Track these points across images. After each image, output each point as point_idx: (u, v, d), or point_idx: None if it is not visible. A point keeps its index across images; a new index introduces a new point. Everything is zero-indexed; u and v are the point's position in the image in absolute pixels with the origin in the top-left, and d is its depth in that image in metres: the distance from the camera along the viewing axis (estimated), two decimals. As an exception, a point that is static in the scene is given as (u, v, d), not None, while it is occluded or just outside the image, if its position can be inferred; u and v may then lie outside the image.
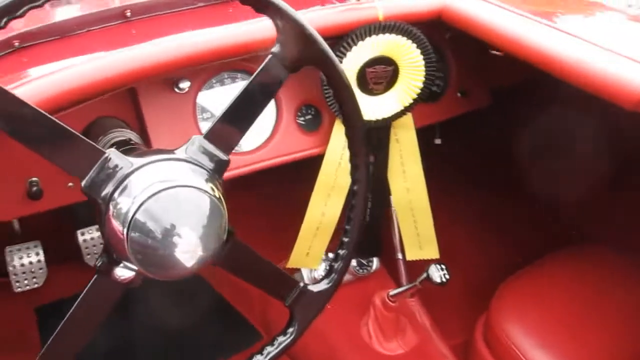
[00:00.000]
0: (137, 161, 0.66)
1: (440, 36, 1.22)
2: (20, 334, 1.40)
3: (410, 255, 1.25)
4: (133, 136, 0.94)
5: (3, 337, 1.37)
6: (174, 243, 0.63)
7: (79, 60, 0.86)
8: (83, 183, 0.64)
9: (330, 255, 1.29)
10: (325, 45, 0.72)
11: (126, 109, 0.99)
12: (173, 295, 1.41)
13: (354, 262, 1.31)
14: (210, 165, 0.70)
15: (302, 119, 1.10)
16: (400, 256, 1.33)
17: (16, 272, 1.38)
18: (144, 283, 0.70)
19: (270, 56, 0.70)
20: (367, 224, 1.19)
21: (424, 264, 1.22)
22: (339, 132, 1.08)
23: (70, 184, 0.93)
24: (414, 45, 1.00)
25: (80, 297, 0.68)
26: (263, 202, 1.53)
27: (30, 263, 1.39)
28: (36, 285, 1.42)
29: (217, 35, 0.91)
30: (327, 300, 0.84)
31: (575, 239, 1.44)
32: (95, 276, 0.67)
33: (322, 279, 0.84)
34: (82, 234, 1.42)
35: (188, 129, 1.01)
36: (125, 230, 0.62)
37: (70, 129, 0.63)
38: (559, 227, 1.52)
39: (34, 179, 0.89)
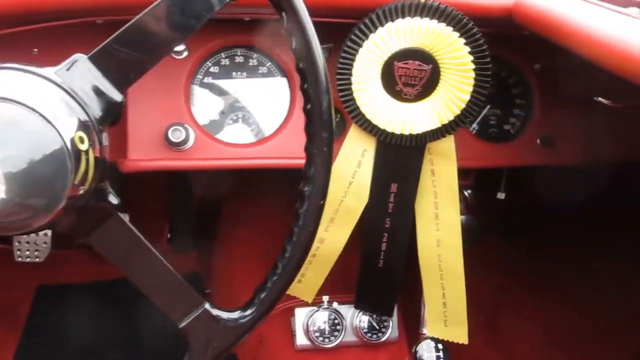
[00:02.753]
0: None
1: (528, 64, 0.96)
2: (9, 308, 1.32)
3: (432, 331, 0.95)
4: None
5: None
6: None
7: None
8: None
9: (335, 304, 1.04)
10: None
11: None
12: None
13: (364, 323, 1.04)
14: (91, 102, 0.52)
15: (320, 122, 0.89)
16: (426, 331, 1.03)
17: (20, 239, 1.31)
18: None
19: None
20: (379, 270, 0.94)
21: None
22: (354, 142, 0.85)
23: None
24: (463, 40, 0.76)
25: None
26: (272, 217, 1.33)
27: (37, 234, 1.31)
28: (37, 260, 1.33)
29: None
30: (238, 337, 0.61)
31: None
32: None
33: (237, 309, 0.61)
34: None
35: (173, 106, 0.84)
36: None
37: None
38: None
39: None
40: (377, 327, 1.03)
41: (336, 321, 1.03)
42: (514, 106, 0.97)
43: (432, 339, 0.70)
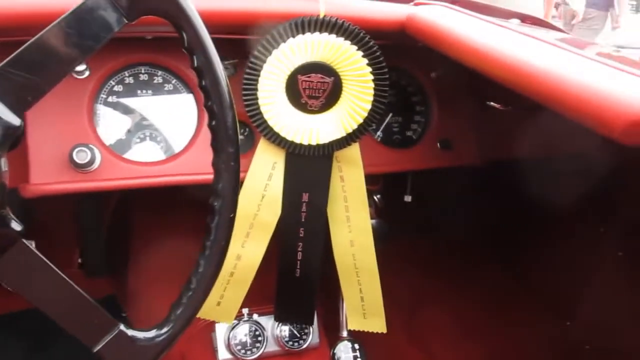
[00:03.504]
0: None
1: (424, 73, 1.02)
2: None
3: (352, 324, 0.99)
4: None
5: None
6: None
7: None
8: None
9: (255, 315, 1.05)
10: None
11: None
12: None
13: (285, 332, 1.05)
14: None
15: (229, 137, 0.90)
16: (345, 334, 1.06)
17: None
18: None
19: None
20: (296, 279, 0.96)
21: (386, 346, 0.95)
22: (264, 155, 0.87)
23: None
24: (360, 53, 0.80)
25: None
26: (183, 233, 1.32)
27: None
28: None
29: None
30: (156, 355, 0.61)
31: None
32: None
33: (153, 327, 0.61)
34: None
35: (77, 127, 0.83)
36: None
37: None
38: (568, 342, 1.21)
39: None
40: (298, 335, 1.05)
41: (257, 333, 1.04)
42: (415, 113, 1.02)
43: (349, 340, 0.74)
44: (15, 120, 0.53)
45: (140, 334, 0.60)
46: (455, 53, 0.74)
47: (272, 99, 0.80)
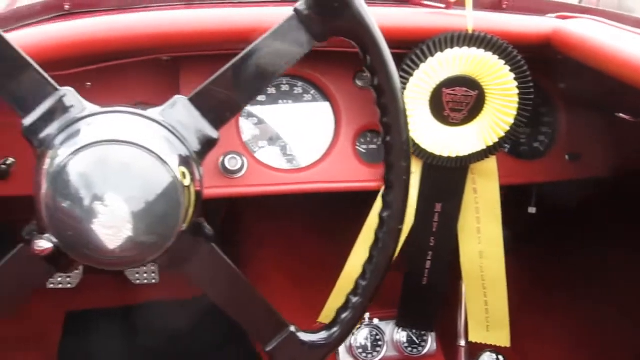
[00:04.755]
0: (94, 108, 0.54)
1: (553, 84, 1.01)
2: (41, 334, 1.32)
3: (474, 337, 0.99)
4: None
5: (23, 333, 1.30)
6: (94, 211, 0.48)
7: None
8: (25, 121, 0.53)
9: (375, 320, 1.07)
10: (365, 9, 0.56)
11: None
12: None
13: (403, 338, 1.07)
14: (191, 139, 0.56)
15: (364, 146, 0.93)
16: (463, 343, 1.06)
17: (52, 267, 1.32)
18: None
19: (291, 14, 0.56)
20: (423, 287, 0.97)
21: None
22: (401, 165, 0.89)
23: None
24: (507, 67, 0.80)
25: None
26: (296, 238, 1.34)
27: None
28: (69, 286, 1.34)
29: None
30: (323, 356, 0.64)
31: None
32: (20, 245, 0.55)
33: (321, 330, 0.64)
34: None
35: (226, 135, 0.87)
36: (45, 185, 0.50)
37: (27, 57, 0.52)
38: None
39: (10, 159, 0.80)
40: (417, 342, 1.07)
41: (377, 337, 1.06)
42: (542, 124, 1.01)
43: (492, 351, 0.75)
44: (214, 134, 0.57)
45: (309, 337, 0.63)
46: (611, 68, 0.73)
47: (416, 112, 0.82)
